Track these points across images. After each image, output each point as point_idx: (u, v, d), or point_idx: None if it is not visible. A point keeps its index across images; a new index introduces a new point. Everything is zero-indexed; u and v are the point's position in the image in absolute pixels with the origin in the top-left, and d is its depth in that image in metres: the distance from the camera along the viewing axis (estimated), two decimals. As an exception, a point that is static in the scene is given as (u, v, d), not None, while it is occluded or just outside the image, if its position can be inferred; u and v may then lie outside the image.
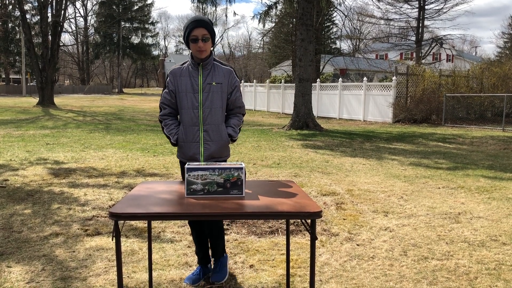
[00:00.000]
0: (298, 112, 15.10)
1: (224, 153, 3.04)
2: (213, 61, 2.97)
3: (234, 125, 3.05)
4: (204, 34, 2.83)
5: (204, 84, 2.92)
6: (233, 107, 3.06)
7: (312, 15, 15.12)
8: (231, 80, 2.99)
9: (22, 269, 3.25)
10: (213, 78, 2.93)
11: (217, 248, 3.14)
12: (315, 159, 8.55)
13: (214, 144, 2.95)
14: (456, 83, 19.65)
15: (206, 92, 2.92)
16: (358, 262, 3.47)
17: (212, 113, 2.93)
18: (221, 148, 2.99)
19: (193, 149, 2.95)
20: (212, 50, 2.98)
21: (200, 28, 2.82)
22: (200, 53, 2.87)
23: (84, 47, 64.56)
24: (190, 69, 2.97)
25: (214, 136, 2.95)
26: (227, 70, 2.99)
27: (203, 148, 2.94)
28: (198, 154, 2.94)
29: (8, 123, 15.54)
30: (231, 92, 3.01)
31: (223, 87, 2.95)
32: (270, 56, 44.02)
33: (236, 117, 3.08)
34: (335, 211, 4.90)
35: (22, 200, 5.16)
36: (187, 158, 2.98)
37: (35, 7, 39.22)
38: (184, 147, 2.98)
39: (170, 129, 3.01)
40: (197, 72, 2.94)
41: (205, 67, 2.94)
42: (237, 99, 3.04)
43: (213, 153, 2.96)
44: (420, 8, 29.33)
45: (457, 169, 7.65)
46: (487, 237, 4.10)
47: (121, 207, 2.12)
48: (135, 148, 9.70)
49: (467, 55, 54.52)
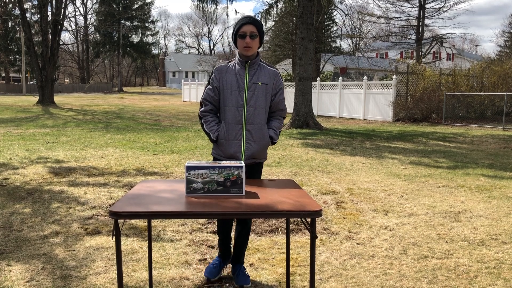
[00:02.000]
0: (298, 111, 15.10)
1: (263, 154, 3.03)
2: (260, 62, 2.98)
3: (276, 127, 3.04)
4: (253, 32, 2.84)
5: (250, 83, 2.91)
6: (276, 110, 3.05)
7: (312, 13, 15.10)
8: (276, 82, 2.99)
9: (22, 268, 3.25)
10: (259, 78, 2.92)
11: (240, 251, 3.12)
12: (315, 158, 8.55)
13: (256, 144, 2.94)
14: (456, 82, 19.65)
15: (251, 91, 2.91)
16: (358, 261, 3.47)
17: (256, 112, 2.92)
18: (262, 149, 2.98)
19: (234, 147, 2.93)
20: (258, 51, 2.98)
21: (249, 25, 2.84)
22: (247, 50, 2.85)
23: (84, 45, 64.52)
24: (237, 67, 2.95)
25: (257, 136, 2.94)
26: (273, 71, 2.99)
27: (244, 147, 2.93)
28: (239, 152, 2.93)
29: (8, 122, 15.54)
30: (275, 94, 3.00)
31: (268, 88, 2.95)
32: (270, 54, 43.97)
33: (278, 120, 3.08)
34: (335, 210, 4.90)
35: (22, 199, 5.16)
36: (227, 156, 2.95)
37: (35, 6, 39.19)
38: (224, 145, 2.95)
39: (211, 126, 2.98)
40: (243, 71, 2.93)
41: (251, 66, 2.93)
42: (280, 101, 3.04)
43: (255, 153, 2.95)
44: (421, 6, 29.31)
45: (457, 168, 7.65)
46: (487, 236, 4.10)
47: (121, 206, 2.11)
48: (135, 147, 9.70)
49: (467, 54, 54.52)
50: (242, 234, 3.11)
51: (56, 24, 25.83)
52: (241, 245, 3.12)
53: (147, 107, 27.72)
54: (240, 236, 3.11)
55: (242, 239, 3.12)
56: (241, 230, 3.11)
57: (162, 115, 20.66)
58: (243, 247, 3.13)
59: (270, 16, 20.15)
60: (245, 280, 3.02)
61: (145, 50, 63.11)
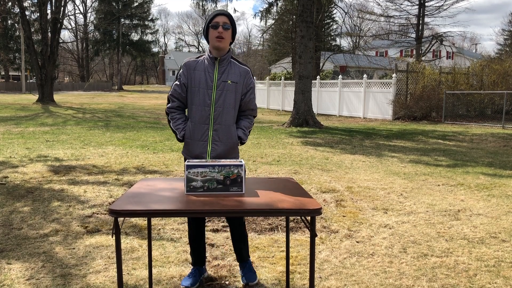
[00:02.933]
0: (298, 109, 15.10)
1: (231, 155, 2.91)
2: (231, 59, 2.88)
3: (245, 127, 2.94)
4: (226, 22, 2.77)
5: (219, 82, 2.80)
6: (246, 109, 2.96)
7: (312, 12, 15.10)
8: (247, 81, 2.89)
9: (22, 266, 3.25)
10: (228, 76, 2.82)
11: (240, 252, 3.08)
12: (315, 156, 8.55)
13: (223, 145, 2.84)
14: (456, 80, 19.65)
15: (220, 89, 2.80)
16: (357, 259, 3.47)
17: (224, 112, 2.81)
18: (229, 149, 2.87)
19: (200, 147, 2.84)
20: (230, 47, 2.90)
21: (223, 16, 2.78)
22: (219, 41, 2.76)
23: (83, 44, 64.42)
24: (206, 63, 2.85)
25: (224, 136, 2.83)
26: (244, 70, 2.89)
27: (210, 148, 2.83)
28: (204, 153, 2.84)
29: (7, 120, 15.53)
30: (245, 93, 2.90)
31: (238, 87, 2.84)
32: (270, 53, 43.96)
33: (248, 119, 2.98)
34: (334, 208, 4.90)
35: (22, 197, 5.17)
36: (192, 156, 2.87)
37: (34, 4, 39.17)
38: (190, 145, 2.86)
39: (177, 124, 2.89)
40: (212, 68, 2.82)
41: (221, 63, 2.82)
42: (251, 101, 2.94)
43: (221, 154, 2.85)
44: (420, 5, 29.28)
45: (456, 166, 7.65)
46: (487, 234, 4.10)
47: (121, 204, 2.11)
48: (135, 145, 9.70)
49: (467, 52, 54.48)
50: (237, 238, 3.06)
51: (55, 22, 25.80)
52: (241, 246, 3.08)
53: (147, 105, 27.71)
54: (236, 240, 3.07)
55: (240, 242, 3.07)
56: (235, 233, 3.06)
57: (162, 114, 20.65)
58: (243, 248, 3.09)
59: (270, 15, 20.15)
60: (251, 277, 3.00)
61: (145, 49, 63.04)
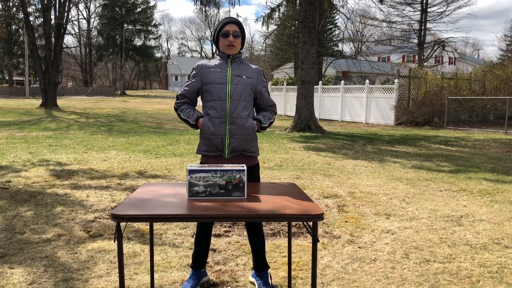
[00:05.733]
0: (300, 114, 15.11)
1: (251, 147, 2.93)
2: (242, 60, 2.97)
3: (265, 115, 2.99)
4: (236, 31, 2.85)
5: (233, 76, 2.86)
6: (265, 106, 3.02)
7: (314, 17, 15.13)
8: (260, 77, 2.96)
9: (24, 271, 3.25)
10: (242, 72, 2.89)
11: (263, 257, 3.05)
12: (317, 161, 8.55)
13: (239, 138, 2.86)
14: (458, 86, 19.63)
15: (235, 84, 2.85)
16: (360, 265, 3.46)
17: (240, 106, 2.85)
18: (245, 141, 2.89)
19: (219, 141, 2.86)
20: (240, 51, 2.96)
21: (232, 24, 2.85)
22: (230, 49, 2.85)
23: (87, 49, 64.69)
24: (219, 61, 2.92)
25: (239, 129, 2.86)
26: (256, 68, 2.98)
27: (229, 141, 2.86)
28: (223, 147, 2.87)
29: (11, 125, 15.58)
30: (260, 90, 2.95)
31: (252, 82, 2.90)
32: (272, 58, 44.02)
33: (269, 111, 3.03)
34: (337, 214, 4.89)
35: (24, 202, 5.18)
36: (212, 150, 2.90)
37: (38, 10, 39.40)
38: (210, 139, 2.88)
39: (187, 112, 2.93)
40: (226, 65, 2.89)
41: (234, 61, 2.91)
42: (268, 98, 3.01)
43: (239, 145, 2.87)
44: (423, 10, 29.32)
45: (459, 172, 7.64)
46: (490, 240, 4.09)
47: (123, 209, 2.12)
48: (138, 150, 9.72)
49: (469, 58, 54.48)
50: (259, 240, 3.03)
51: (59, 27, 25.93)
52: (262, 250, 3.04)
53: (149, 110, 27.77)
54: (258, 241, 3.03)
55: (261, 244, 3.04)
56: (256, 235, 3.02)
57: (165, 118, 20.69)
58: (264, 251, 3.06)
59: (272, 20, 20.18)
60: None
61: (148, 54, 63.27)
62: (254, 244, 3.04)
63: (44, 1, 25.58)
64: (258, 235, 3.03)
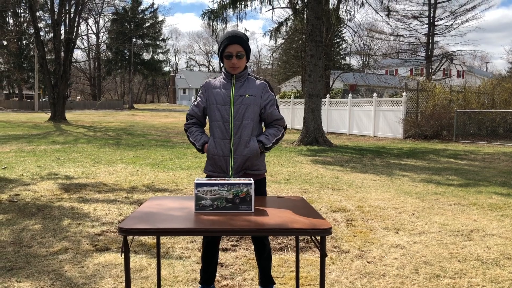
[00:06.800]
0: (308, 128, 15.09)
1: (255, 165, 2.92)
2: (248, 75, 2.95)
3: (269, 133, 2.94)
4: (239, 51, 2.82)
5: (236, 96, 2.86)
6: (271, 120, 2.98)
7: (321, 31, 15.21)
8: (264, 94, 2.92)
9: (31, 284, 3.24)
10: (246, 90, 2.87)
11: (268, 274, 3.03)
12: (325, 175, 8.51)
13: (240, 157, 2.86)
14: (467, 99, 19.55)
15: (237, 104, 2.85)
16: (368, 280, 3.41)
17: (243, 125, 2.85)
18: (251, 159, 2.87)
19: (223, 162, 2.88)
20: (246, 66, 2.96)
21: (235, 45, 2.81)
22: (234, 70, 2.86)
23: (96, 63, 65.39)
24: (223, 81, 2.93)
25: (242, 149, 2.85)
26: (261, 83, 2.94)
27: (232, 161, 2.87)
28: (228, 167, 2.88)
29: (20, 138, 15.71)
30: (265, 106, 2.92)
31: (256, 100, 2.88)
32: (280, 72, 44.24)
33: (274, 127, 2.98)
34: (345, 228, 4.84)
35: (32, 215, 5.19)
36: (217, 171, 2.92)
37: (49, 25, 39.92)
38: (215, 160, 2.90)
39: (195, 136, 2.98)
40: (229, 84, 2.90)
41: (238, 80, 2.91)
42: (273, 112, 2.94)
43: (241, 165, 2.87)
44: (430, 24, 29.38)
45: (469, 185, 7.56)
46: (501, 255, 4.02)
47: (131, 223, 2.11)
48: (145, 163, 9.74)
49: (478, 71, 54.30)
50: (265, 256, 3.01)
51: (69, 42, 26.29)
52: (267, 266, 3.03)
53: (157, 123, 27.90)
54: (263, 258, 3.01)
55: (266, 261, 3.02)
56: (262, 251, 3.00)
57: (172, 132, 20.77)
58: (269, 268, 3.04)
59: (280, 34, 20.32)
60: None
61: (156, 68, 63.84)
62: (259, 260, 3.03)
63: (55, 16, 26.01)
64: (263, 251, 3.00)
